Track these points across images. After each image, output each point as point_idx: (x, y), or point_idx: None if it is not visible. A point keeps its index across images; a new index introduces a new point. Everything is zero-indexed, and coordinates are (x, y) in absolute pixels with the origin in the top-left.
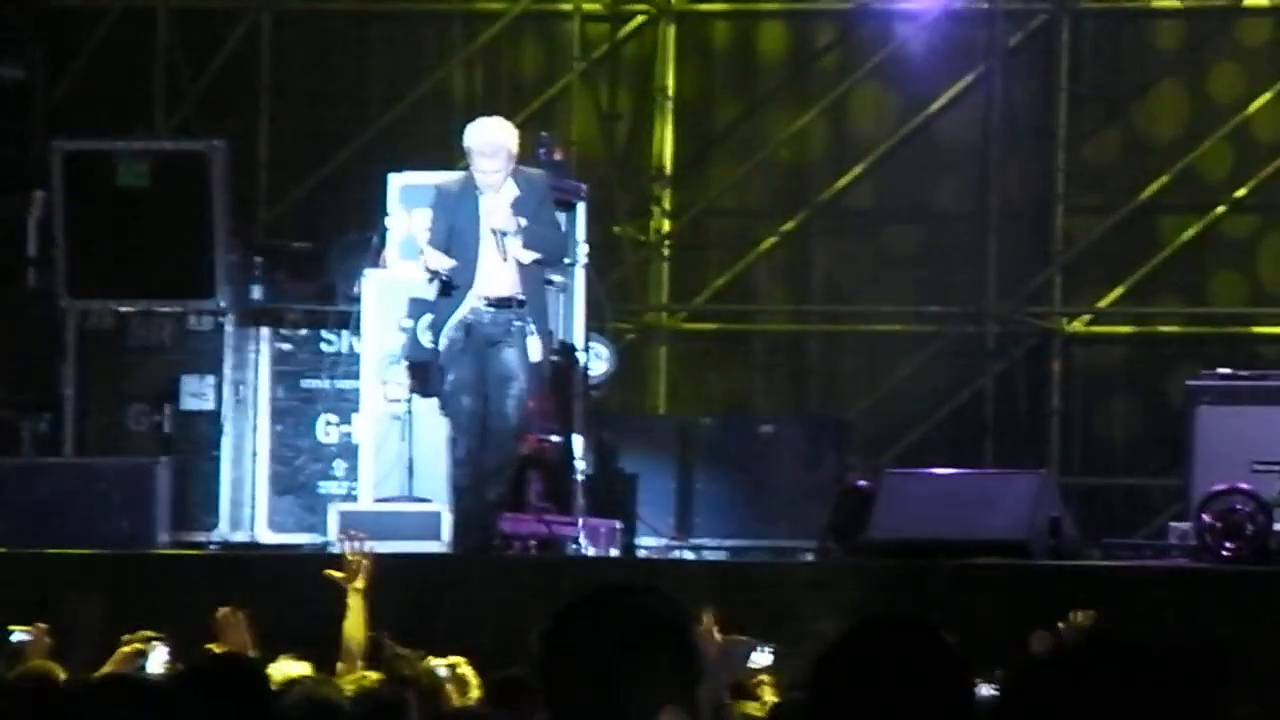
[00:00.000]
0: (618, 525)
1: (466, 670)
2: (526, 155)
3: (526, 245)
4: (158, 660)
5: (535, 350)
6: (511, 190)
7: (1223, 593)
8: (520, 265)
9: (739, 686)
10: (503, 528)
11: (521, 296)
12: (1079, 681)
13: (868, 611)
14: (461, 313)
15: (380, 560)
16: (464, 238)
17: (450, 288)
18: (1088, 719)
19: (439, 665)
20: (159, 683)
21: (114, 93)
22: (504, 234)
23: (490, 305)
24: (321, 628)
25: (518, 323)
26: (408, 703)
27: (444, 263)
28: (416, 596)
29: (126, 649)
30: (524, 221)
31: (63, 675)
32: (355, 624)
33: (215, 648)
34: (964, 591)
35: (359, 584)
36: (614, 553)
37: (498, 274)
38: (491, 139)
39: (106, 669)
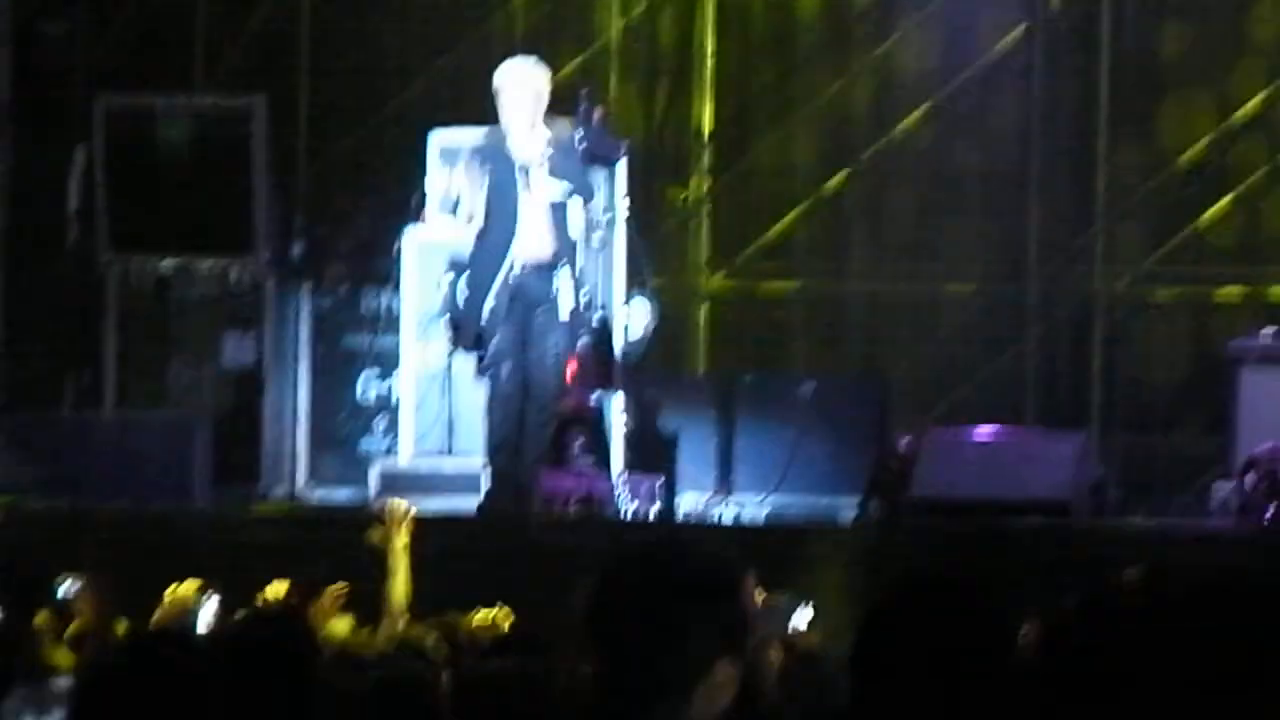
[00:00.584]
0: (658, 482)
1: (506, 623)
2: (566, 113)
3: (551, 176)
4: (208, 612)
5: (567, 303)
6: (543, 137)
7: (1265, 554)
8: (554, 221)
9: (785, 644)
10: (544, 485)
11: (565, 258)
12: (1119, 628)
13: (908, 570)
14: (504, 276)
15: (420, 516)
16: (502, 192)
17: (489, 231)
18: (1127, 665)
19: (479, 619)
20: (204, 637)
21: (156, 49)
22: (527, 168)
23: (532, 269)
24: (362, 583)
25: (557, 284)
26: (432, 659)
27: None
28: (457, 552)
29: (175, 601)
30: (548, 159)
31: (121, 628)
32: (398, 580)
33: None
34: (1005, 551)
35: (401, 540)
36: (654, 510)
37: (538, 235)
38: (519, 74)
39: (156, 619)
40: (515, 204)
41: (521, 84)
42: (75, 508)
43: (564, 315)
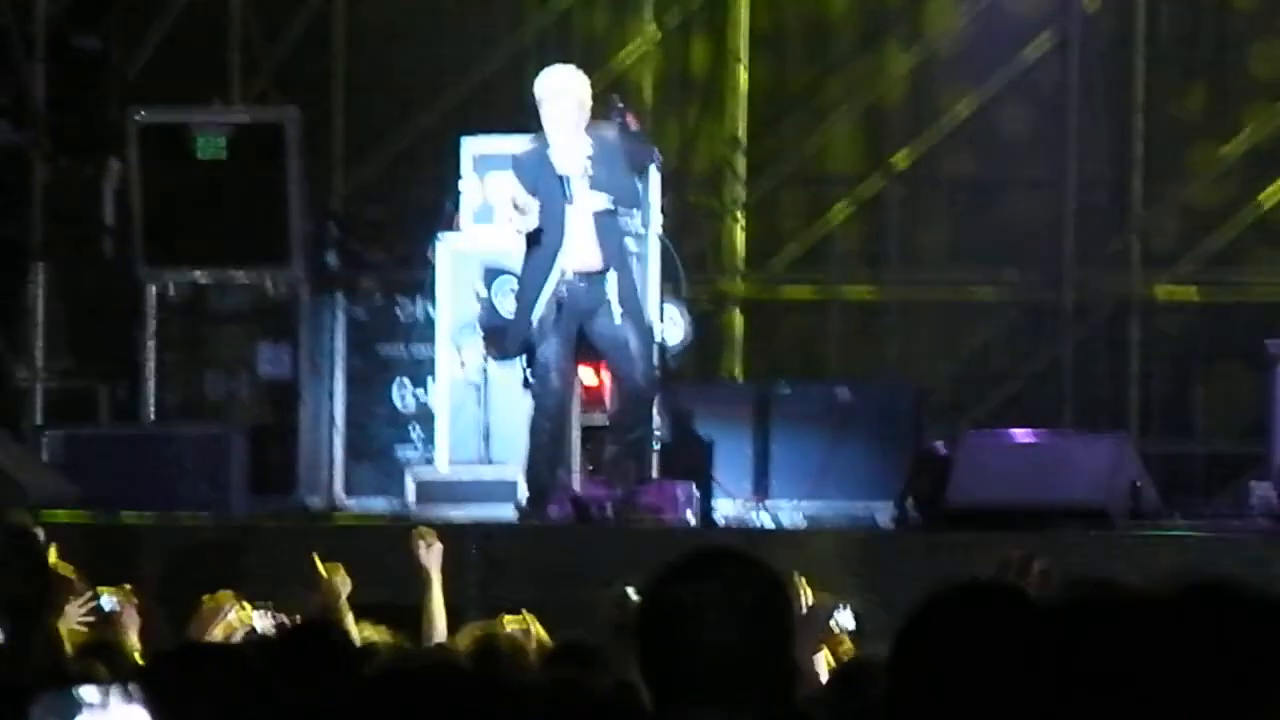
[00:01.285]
0: (695, 490)
1: (538, 629)
2: (600, 121)
3: (594, 188)
4: (262, 625)
5: (616, 313)
6: (585, 146)
7: None
8: (601, 229)
9: (830, 646)
10: (582, 492)
11: (611, 267)
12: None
13: (945, 575)
14: (551, 286)
15: (455, 524)
16: (548, 201)
17: (537, 241)
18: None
19: (512, 625)
20: (244, 648)
21: (190, 62)
22: (568, 179)
23: (581, 279)
24: (399, 593)
25: (609, 292)
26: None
27: (528, 207)
28: (493, 560)
29: (210, 609)
30: (591, 168)
31: (133, 644)
32: (436, 598)
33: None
34: (1043, 555)
35: (435, 561)
36: (691, 517)
37: (586, 244)
38: (558, 82)
39: (196, 633)
40: (561, 213)
41: (563, 93)
42: (115, 520)
43: (618, 320)
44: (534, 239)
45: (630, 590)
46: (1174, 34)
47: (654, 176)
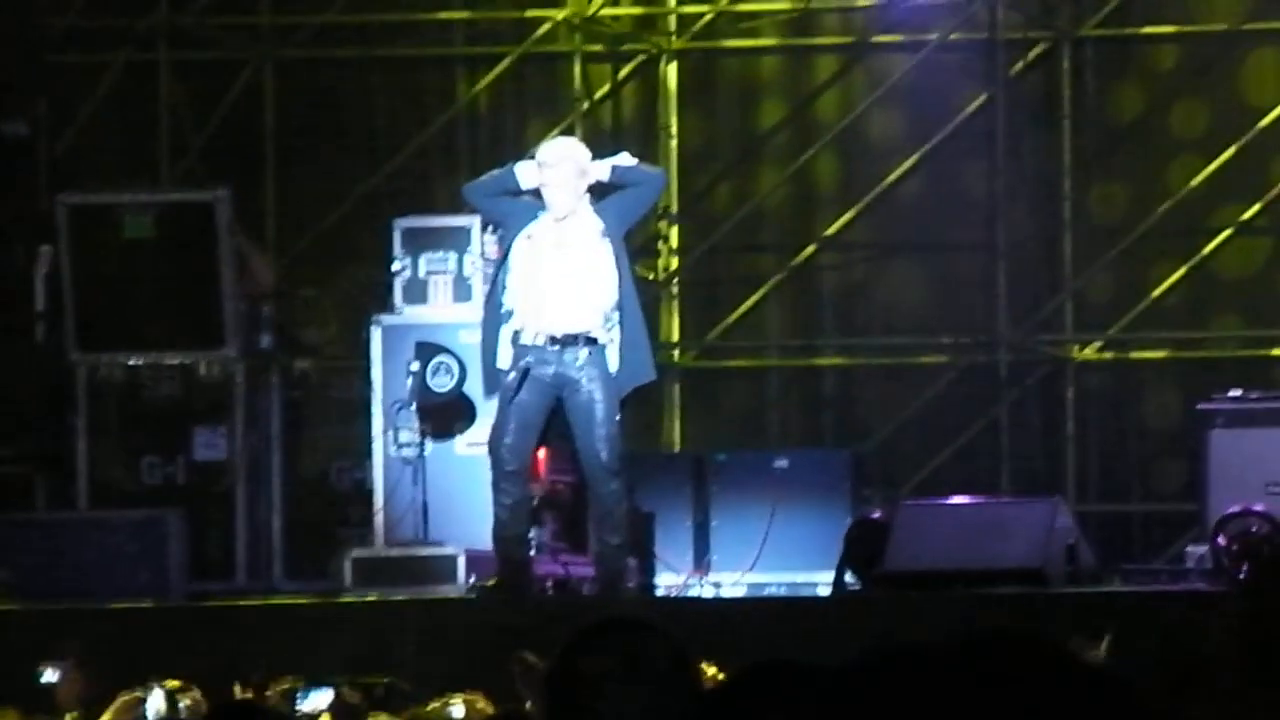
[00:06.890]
0: (634, 563)
1: (484, 705)
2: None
3: (588, 248)
4: (155, 704)
5: (614, 362)
6: (584, 213)
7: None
8: (582, 297)
9: None
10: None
11: (591, 334)
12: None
13: (885, 643)
14: (523, 349)
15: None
16: (525, 266)
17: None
18: None
19: (455, 703)
20: None
21: (118, 145)
22: (562, 243)
23: (555, 344)
24: (340, 675)
25: (586, 362)
26: None
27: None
28: (434, 638)
29: (126, 697)
30: (588, 228)
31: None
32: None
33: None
34: (981, 620)
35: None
36: (632, 590)
37: (563, 308)
38: (562, 150)
39: (106, 717)
40: (542, 277)
41: (564, 159)
42: (51, 609)
43: (601, 390)
44: (516, 301)
45: (529, 656)
46: (1098, 96)
47: None
